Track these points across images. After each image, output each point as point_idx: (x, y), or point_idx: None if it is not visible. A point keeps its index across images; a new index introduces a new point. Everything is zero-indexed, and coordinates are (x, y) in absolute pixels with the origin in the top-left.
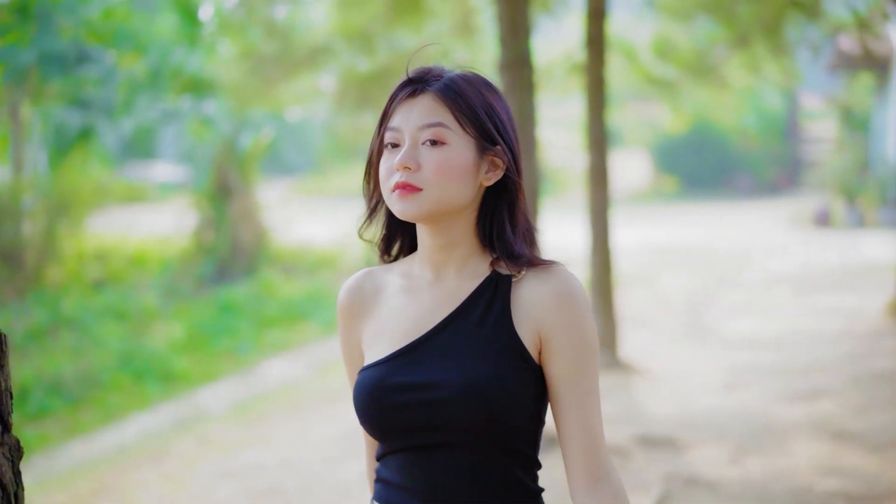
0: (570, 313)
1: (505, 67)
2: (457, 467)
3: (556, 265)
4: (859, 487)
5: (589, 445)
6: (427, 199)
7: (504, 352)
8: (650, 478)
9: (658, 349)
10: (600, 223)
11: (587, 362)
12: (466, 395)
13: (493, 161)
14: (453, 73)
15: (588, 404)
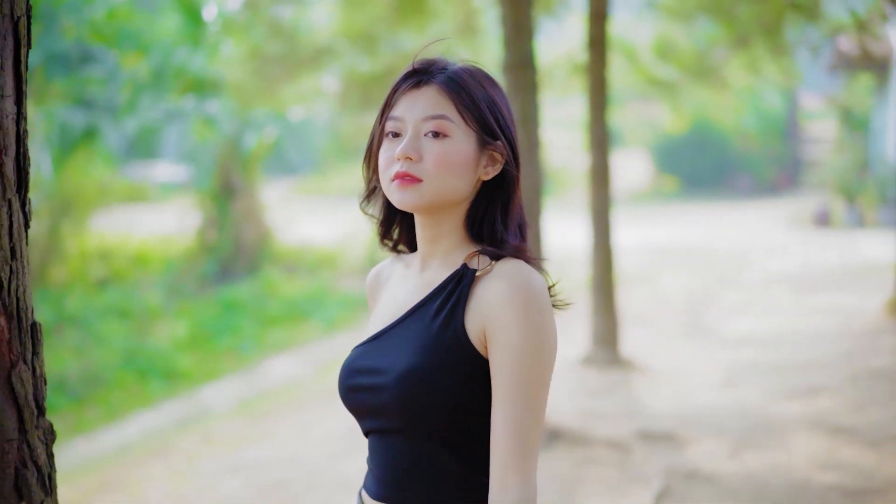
0: (512, 312)
1: (509, 68)
2: (401, 453)
3: (523, 262)
4: (856, 481)
5: (508, 450)
6: (427, 190)
7: (447, 345)
8: (650, 472)
9: (658, 347)
10: (602, 222)
11: (523, 364)
12: (399, 382)
13: (492, 156)
14: (457, 66)
15: (517, 407)
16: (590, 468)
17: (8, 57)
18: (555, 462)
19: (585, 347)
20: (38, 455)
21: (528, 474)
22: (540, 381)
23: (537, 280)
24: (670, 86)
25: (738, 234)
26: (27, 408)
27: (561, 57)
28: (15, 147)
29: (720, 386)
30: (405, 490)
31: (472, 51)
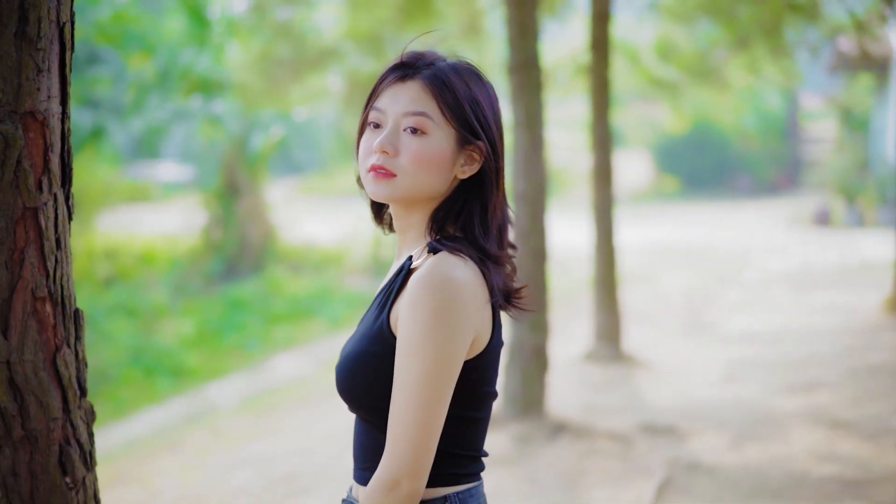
0: (409, 304)
1: (513, 69)
2: (358, 432)
3: (447, 257)
4: (854, 473)
5: (388, 438)
6: (399, 185)
7: (374, 336)
8: (652, 463)
9: (659, 343)
10: (604, 221)
11: (410, 356)
12: (339, 367)
13: (471, 155)
14: (444, 63)
15: (399, 392)
16: (593, 460)
17: (54, 60)
18: (559, 454)
19: (588, 344)
20: (80, 433)
21: (398, 461)
22: (424, 379)
23: (450, 275)
24: (671, 86)
25: (739, 233)
26: (70, 389)
27: (564, 58)
28: (60, 144)
29: (721, 381)
30: (361, 469)
31: (477, 51)
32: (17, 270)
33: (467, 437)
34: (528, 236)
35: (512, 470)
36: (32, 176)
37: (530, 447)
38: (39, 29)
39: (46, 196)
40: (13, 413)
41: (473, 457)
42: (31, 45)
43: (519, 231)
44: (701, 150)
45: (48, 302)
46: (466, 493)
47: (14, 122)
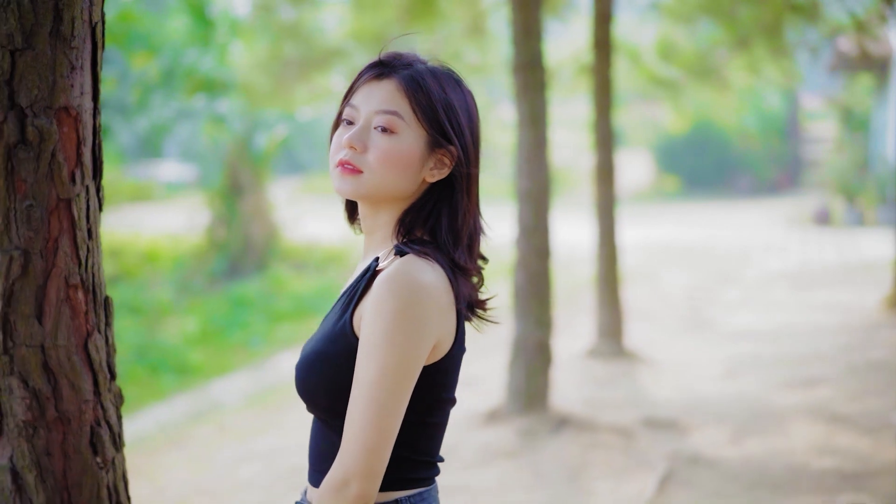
0: (374, 303)
1: (518, 69)
2: (320, 439)
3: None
4: (853, 466)
5: (343, 439)
6: (364, 182)
7: (337, 337)
8: (654, 456)
9: (661, 340)
10: (607, 219)
11: (369, 356)
12: (299, 367)
13: (441, 159)
14: (422, 66)
15: (357, 401)
16: (596, 452)
17: (87, 58)
18: (563, 447)
19: (591, 340)
20: (109, 415)
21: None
22: (382, 380)
23: (418, 279)
24: (672, 86)
25: (739, 232)
26: (101, 372)
27: (566, 58)
28: (91, 138)
29: (721, 377)
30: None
31: (480, 52)
32: (51, 259)
33: (423, 442)
34: (532, 234)
35: (516, 462)
36: (66, 168)
37: (534, 440)
38: (73, 28)
39: (79, 188)
40: (47, 395)
41: (428, 462)
42: (66, 44)
43: (523, 228)
44: (701, 149)
45: (80, 289)
46: (418, 496)
47: (49, 117)
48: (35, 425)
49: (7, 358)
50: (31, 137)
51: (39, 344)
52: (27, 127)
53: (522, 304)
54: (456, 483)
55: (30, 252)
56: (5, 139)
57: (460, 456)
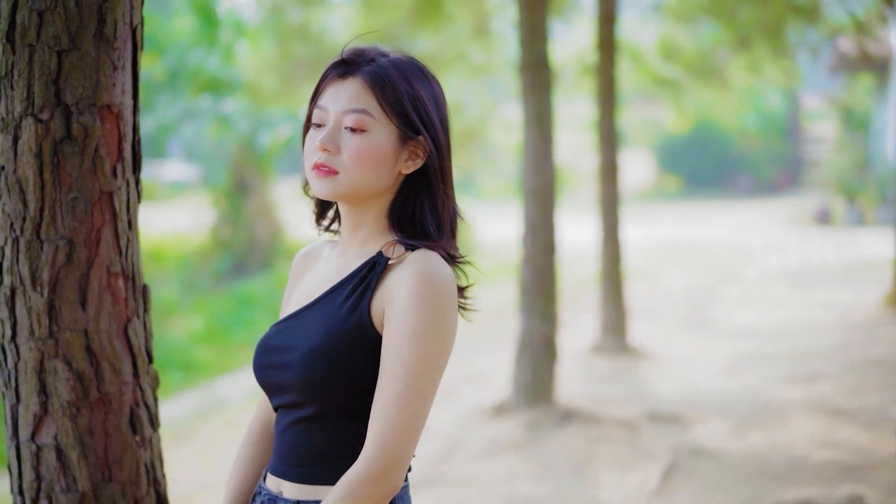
0: (407, 297)
1: (524, 69)
2: (304, 434)
3: (433, 252)
4: (852, 458)
5: (374, 425)
6: (342, 182)
7: (351, 330)
8: (658, 449)
9: (663, 337)
10: (610, 217)
11: (406, 348)
12: (302, 363)
13: (414, 150)
14: (385, 59)
15: (393, 385)
16: (601, 445)
17: (127, 58)
18: (569, 439)
19: (595, 336)
20: (147, 397)
21: (387, 450)
22: (422, 368)
23: (442, 271)
24: (674, 86)
25: (740, 232)
26: (140, 356)
27: (570, 58)
28: (131, 134)
29: (723, 373)
30: (300, 465)
31: (485, 51)
32: (94, 248)
33: None
34: (538, 231)
35: (523, 455)
36: (108, 163)
37: (540, 433)
38: (115, 30)
39: (120, 181)
40: (90, 377)
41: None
42: (108, 45)
43: (529, 226)
44: (702, 149)
45: (121, 277)
46: (404, 490)
47: (93, 114)
48: (78, 405)
49: (53, 342)
50: (77, 133)
51: (83, 329)
52: (73, 124)
53: (528, 300)
54: (464, 474)
55: (74, 242)
56: (52, 135)
57: (468, 448)
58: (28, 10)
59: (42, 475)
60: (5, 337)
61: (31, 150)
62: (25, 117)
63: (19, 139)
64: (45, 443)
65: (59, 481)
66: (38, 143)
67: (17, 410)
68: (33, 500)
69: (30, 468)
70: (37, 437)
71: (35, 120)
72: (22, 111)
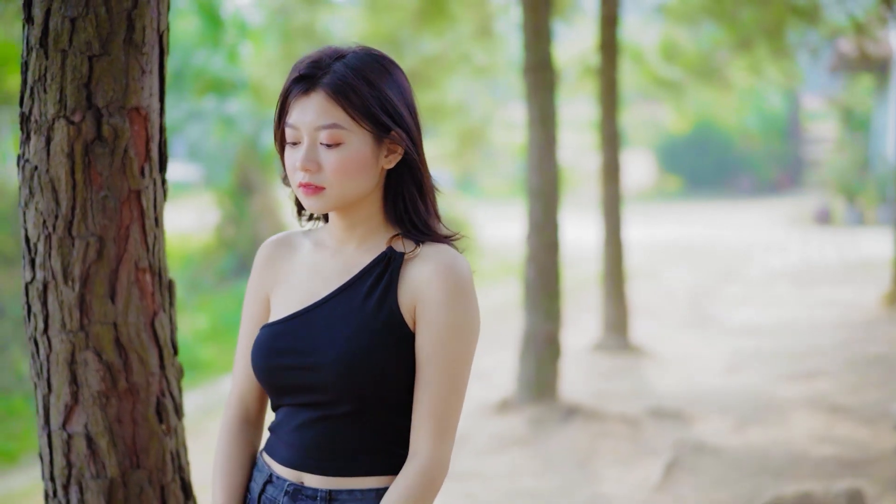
0: (441, 292)
1: (528, 70)
2: (329, 429)
3: (447, 245)
4: (851, 454)
5: (427, 421)
6: (330, 196)
7: (383, 327)
8: (660, 445)
9: (665, 335)
10: (612, 217)
11: (448, 343)
12: (339, 364)
13: (390, 145)
14: (340, 64)
15: (440, 382)
16: (604, 441)
17: (155, 63)
18: (572, 435)
19: (597, 335)
20: (172, 387)
21: (440, 447)
22: (463, 360)
23: (463, 263)
24: (675, 86)
25: (740, 232)
26: (166, 348)
27: (572, 59)
28: (158, 135)
29: (724, 370)
30: (324, 459)
31: (489, 53)
32: (122, 245)
33: None
34: (542, 229)
35: (527, 450)
36: (137, 163)
37: (544, 429)
38: (144, 36)
39: (148, 180)
40: (119, 368)
41: None
42: (137, 50)
43: (533, 224)
44: (703, 150)
45: (148, 272)
46: None
47: (122, 116)
48: (108, 395)
49: (83, 334)
50: (107, 135)
51: (112, 322)
52: (103, 125)
53: (532, 298)
54: (470, 469)
55: (104, 238)
56: (83, 136)
57: (474, 443)
58: (61, 16)
59: (73, 462)
60: (38, 329)
61: (63, 151)
62: (58, 119)
63: (52, 140)
64: (76, 431)
65: (89, 468)
66: (70, 144)
67: (49, 400)
68: (64, 486)
69: (61, 455)
70: (68, 426)
71: (67, 122)
72: (55, 113)
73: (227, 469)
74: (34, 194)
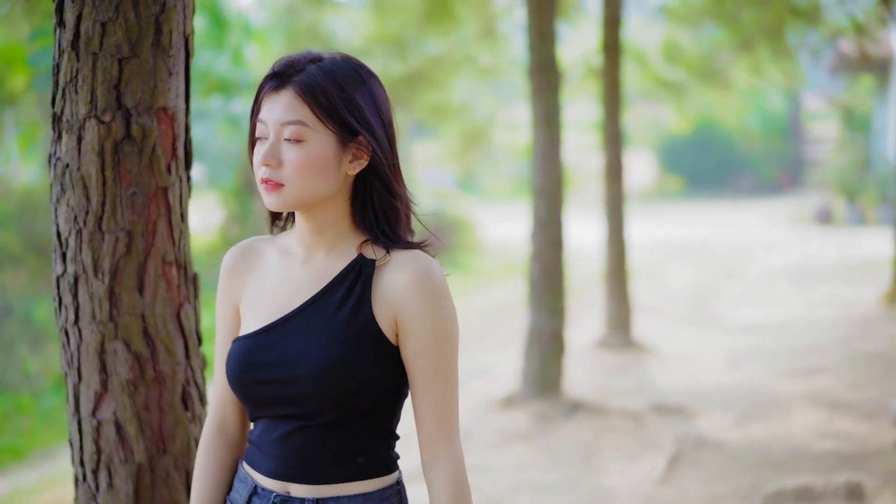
0: (423, 300)
1: (533, 71)
2: (311, 438)
3: (418, 251)
4: (851, 448)
5: (435, 427)
6: (289, 194)
7: (360, 336)
8: (663, 439)
9: (667, 333)
10: (615, 216)
11: (438, 348)
12: (320, 374)
13: (356, 151)
14: (314, 66)
15: (438, 387)
16: (608, 435)
17: (181, 65)
18: (576, 429)
19: (600, 332)
20: (197, 376)
21: (453, 444)
22: (452, 361)
23: (437, 268)
24: (677, 87)
25: (741, 231)
26: (191, 339)
27: (575, 60)
28: (184, 135)
29: (725, 367)
30: (309, 468)
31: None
32: (150, 239)
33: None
34: (547, 228)
35: (532, 444)
36: (164, 161)
37: (549, 423)
38: (171, 39)
39: (174, 177)
40: (146, 357)
41: None
42: (165, 53)
43: (538, 223)
44: (704, 150)
45: (174, 266)
46: (400, 474)
47: (150, 116)
48: (136, 384)
49: (113, 325)
50: (136, 134)
51: (140, 313)
52: (132, 125)
53: (537, 295)
54: (476, 463)
55: (133, 233)
56: (113, 135)
57: (479, 438)
58: (92, 20)
59: (102, 448)
60: (68, 321)
61: (93, 150)
62: (89, 119)
63: (83, 139)
64: (105, 418)
65: (118, 453)
66: (100, 143)
67: (79, 389)
68: (94, 470)
69: (91, 441)
70: (97, 413)
71: (98, 122)
72: (86, 114)
73: (201, 485)
74: (65, 191)
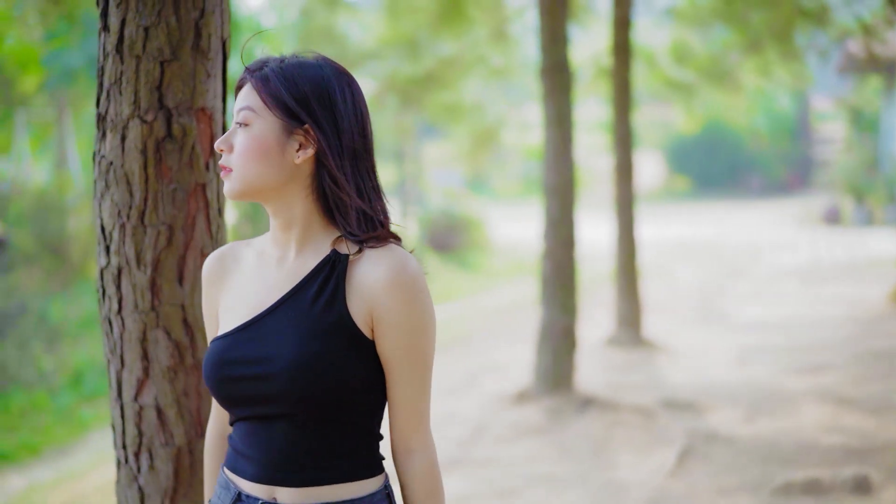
0: (398, 295)
1: (545, 72)
2: (288, 437)
3: (392, 245)
4: (858, 443)
5: (409, 420)
6: (235, 178)
7: (334, 330)
8: (674, 434)
9: (677, 330)
10: (626, 215)
11: (414, 343)
12: (293, 370)
13: (302, 141)
14: (276, 63)
15: (413, 380)
16: (619, 430)
17: (219, 67)
18: (588, 424)
19: (611, 329)
20: None
21: (427, 436)
22: (429, 355)
23: (413, 262)
24: (686, 88)
25: (750, 231)
26: None
27: (586, 61)
28: (221, 133)
29: (734, 364)
30: (294, 470)
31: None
32: (190, 233)
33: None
34: (559, 226)
35: (544, 439)
36: (202, 158)
37: (561, 418)
38: (209, 43)
39: (212, 174)
40: (186, 346)
41: None
42: (203, 56)
43: (550, 221)
44: (713, 150)
45: None
46: (387, 478)
47: (190, 116)
48: (176, 370)
49: (154, 314)
50: (176, 133)
51: (180, 303)
52: (173, 124)
53: (549, 292)
54: (489, 456)
55: (173, 227)
56: (155, 134)
57: (492, 432)
58: (135, 25)
59: (143, 431)
60: (112, 310)
61: (136, 148)
62: (132, 119)
63: (126, 138)
64: (147, 403)
65: (159, 437)
66: (143, 142)
67: (122, 375)
68: (135, 453)
69: (133, 425)
70: (139, 398)
71: (140, 121)
72: (129, 114)
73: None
74: (109, 187)
